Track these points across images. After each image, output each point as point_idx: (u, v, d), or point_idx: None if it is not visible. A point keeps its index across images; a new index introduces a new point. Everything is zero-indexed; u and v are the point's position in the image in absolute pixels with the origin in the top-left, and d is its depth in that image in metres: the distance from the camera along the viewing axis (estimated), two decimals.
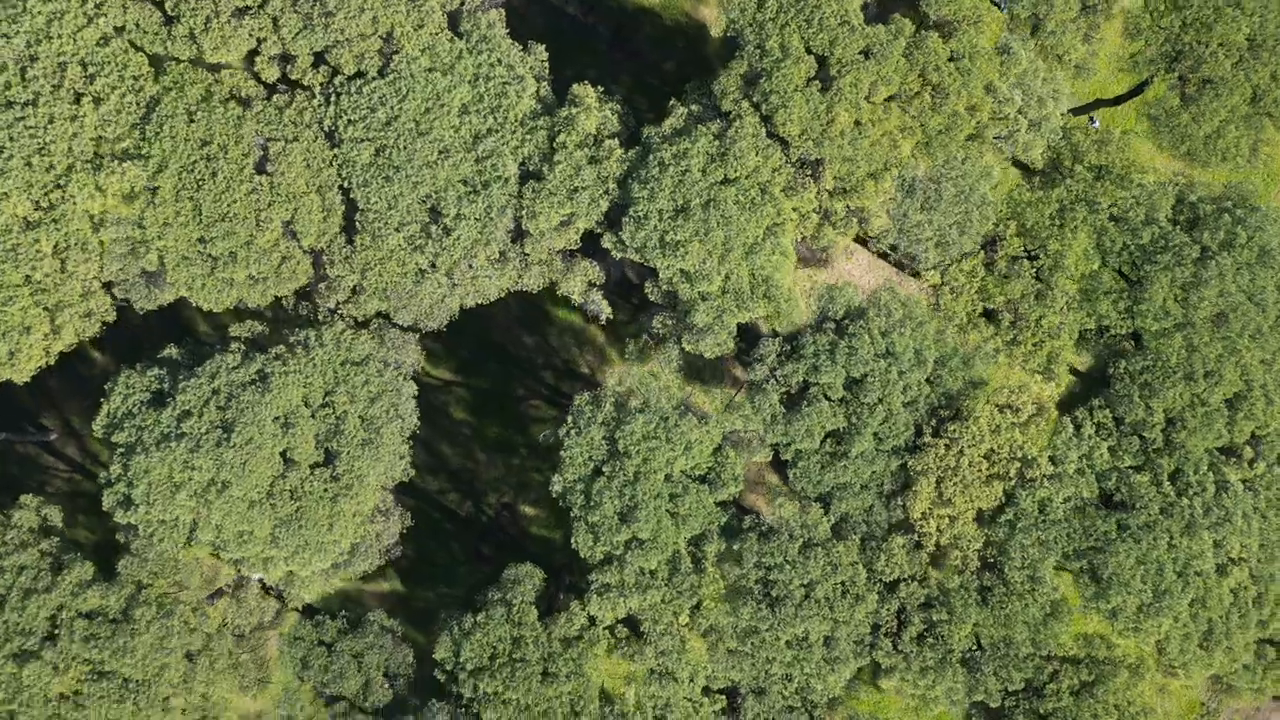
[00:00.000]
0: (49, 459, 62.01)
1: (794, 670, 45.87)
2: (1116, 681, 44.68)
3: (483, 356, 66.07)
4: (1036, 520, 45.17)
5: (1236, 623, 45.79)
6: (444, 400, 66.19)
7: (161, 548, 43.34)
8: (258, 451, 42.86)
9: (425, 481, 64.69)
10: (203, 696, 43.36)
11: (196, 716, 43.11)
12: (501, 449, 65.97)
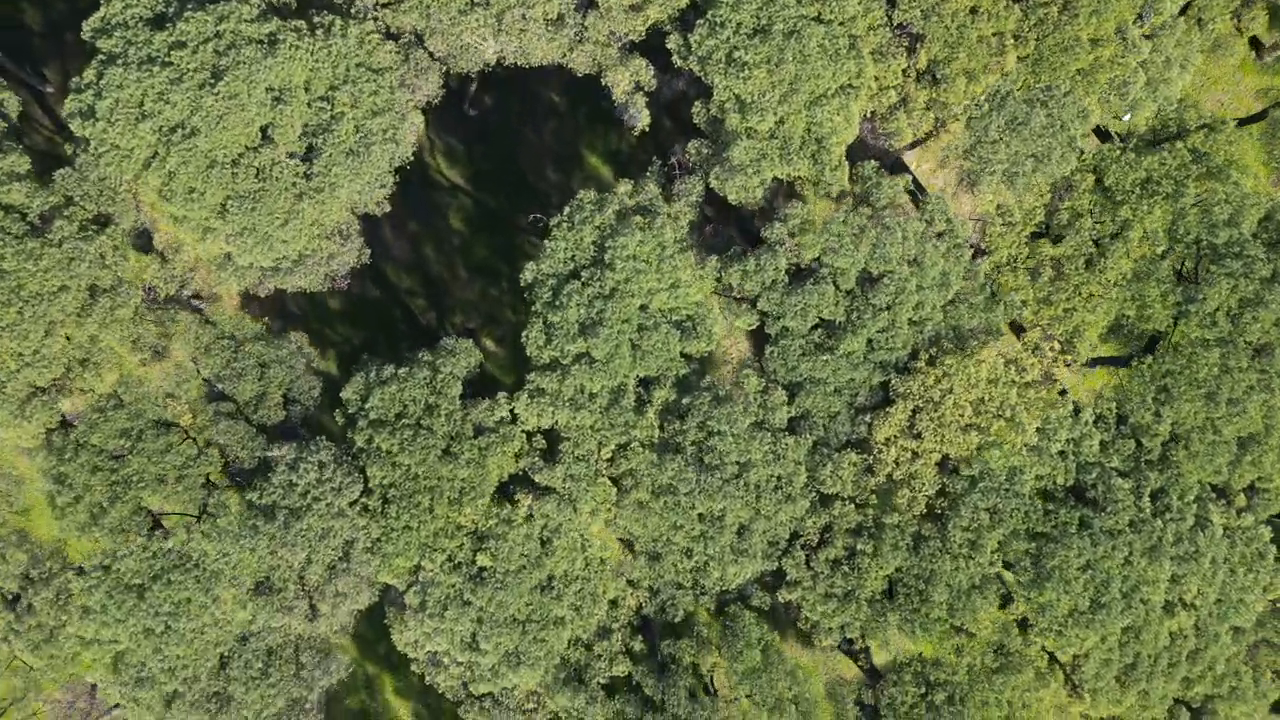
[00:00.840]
0: (37, 111, 58.89)
1: (696, 548, 42.57)
2: (1019, 678, 41.37)
3: (501, 175, 63.00)
4: (999, 486, 41.75)
5: (1163, 669, 42.38)
6: (446, 203, 63.07)
7: (106, 172, 40.08)
8: (239, 110, 39.51)
9: (399, 278, 61.85)
10: (91, 339, 40.20)
11: (78, 354, 39.97)
12: (485, 274, 62.96)
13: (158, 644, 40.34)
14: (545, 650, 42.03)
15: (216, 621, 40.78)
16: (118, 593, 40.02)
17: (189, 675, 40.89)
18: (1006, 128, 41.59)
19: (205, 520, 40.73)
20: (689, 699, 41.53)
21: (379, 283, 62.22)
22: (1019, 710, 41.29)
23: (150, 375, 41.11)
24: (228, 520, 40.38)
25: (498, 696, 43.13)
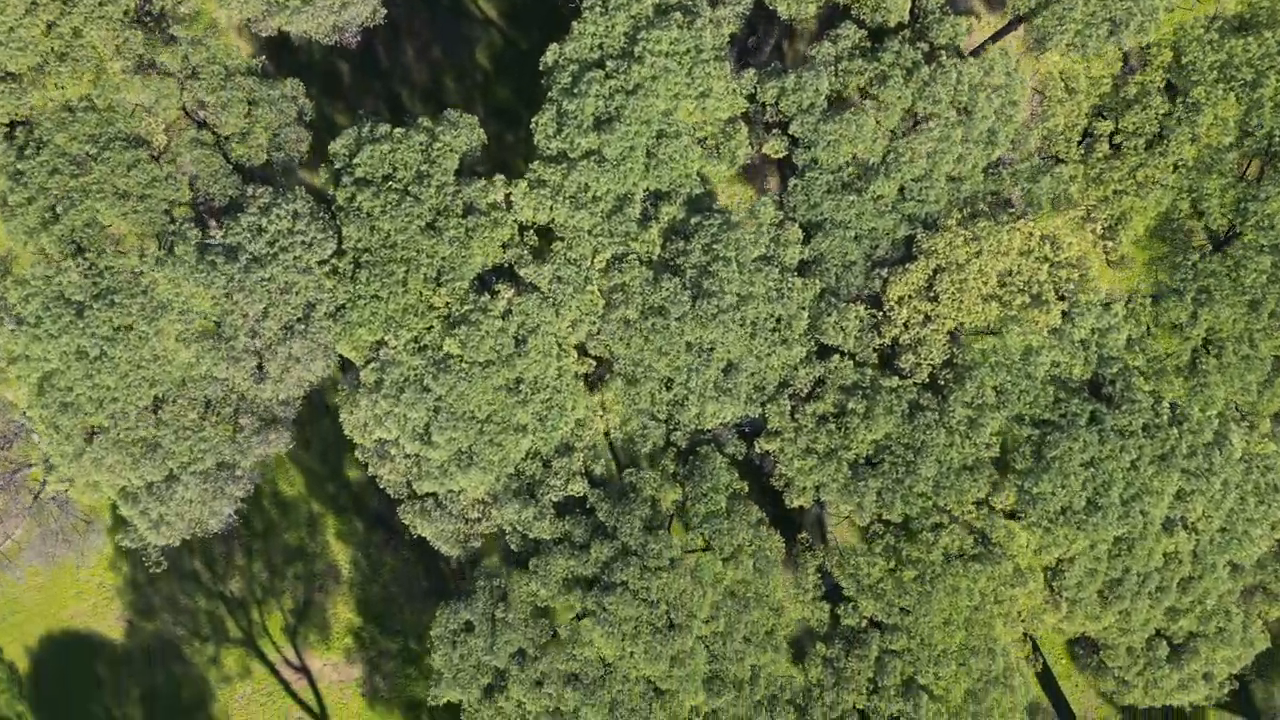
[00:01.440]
0: None
1: (678, 379, 39.58)
2: (997, 570, 38.37)
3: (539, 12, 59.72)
4: (1012, 365, 38.70)
5: (1150, 592, 39.37)
6: (476, 37, 60.09)
7: None
8: None
9: (413, 103, 58.85)
10: (75, 32, 37.06)
11: (58, 46, 36.80)
12: (502, 117, 59.89)
13: (90, 369, 37.41)
14: (500, 456, 39.11)
15: (156, 357, 37.84)
16: (56, 305, 37.08)
17: (117, 411, 37.98)
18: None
19: (162, 247, 37.74)
20: (643, 530, 38.63)
21: (386, 98, 59.14)
22: (990, 604, 38.33)
23: (130, 86, 38.03)
24: (185, 250, 37.38)
25: (441, 499, 40.24)
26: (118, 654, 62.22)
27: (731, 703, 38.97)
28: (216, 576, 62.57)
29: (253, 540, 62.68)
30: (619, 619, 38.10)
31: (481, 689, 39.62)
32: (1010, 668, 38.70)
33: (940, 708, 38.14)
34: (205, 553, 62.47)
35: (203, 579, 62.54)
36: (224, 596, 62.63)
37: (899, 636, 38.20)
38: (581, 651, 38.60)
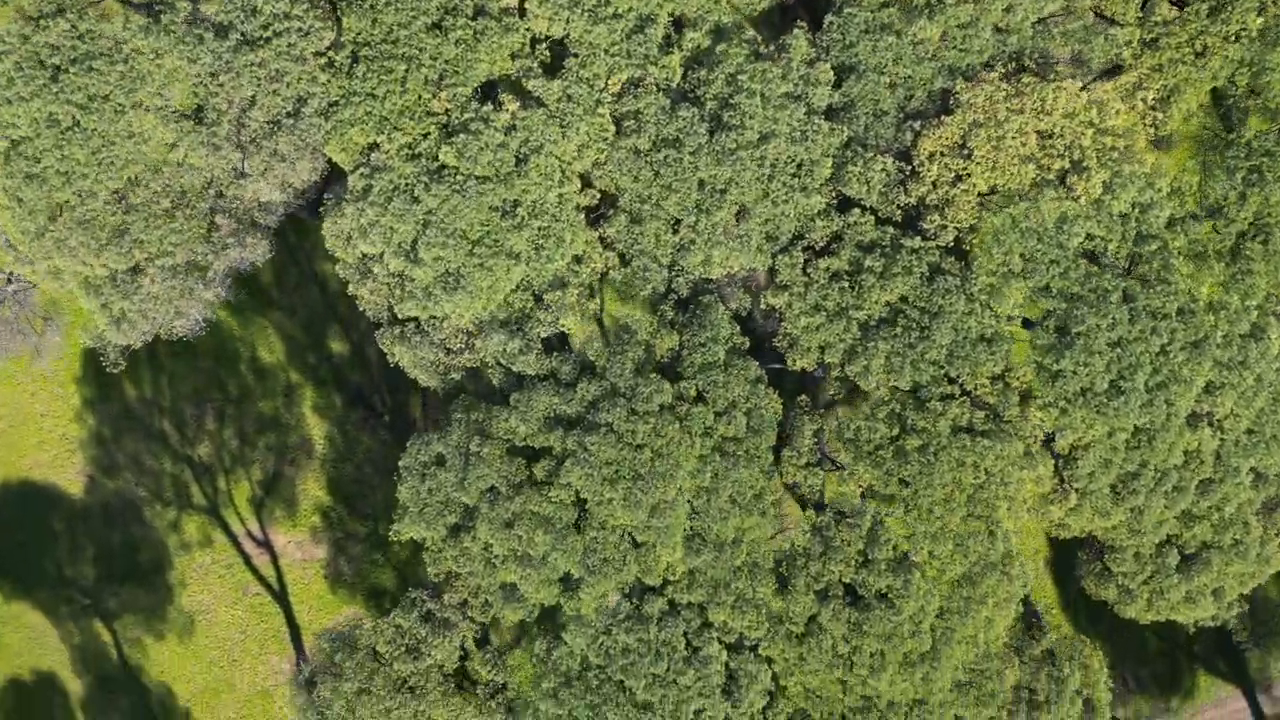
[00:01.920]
0: None
1: (685, 219, 37.02)
2: (1007, 448, 35.84)
3: None
4: (1043, 233, 36.12)
5: (1167, 491, 36.86)
6: None
7: None
8: None
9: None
10: None
11: None
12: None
13: (61, 139, 34.83)
14: (489, 282, 36.55)
15: (132, 135, 35.25)
16: (30, 66, 34.49)
17: (85, 189, 35.40)
18: None
19: (149, 15, 35.12)
20: (634, 373, 36.11)
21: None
22: (996, 485, 35.79)
23: None
24: (173, 21, 34.79)
25: (423, 325, 37.69)
26: (75, 509, 59.73)
27: (710, 563, 36.43)
28: (185, 439, 60.01)
29: (226, 406, 60.14)
30: (600, 461, 35.59)
31: (448, 527, 37.12)
32: (1010, 555, 36.18)
33: (932, 589, 35.64)
34: (175, 414, 59.96)
35: (170, 441, 60.00)
36: (191, 461, 60.10)
37: (896, 508, 35.67)
38: (557, 494, 36.09)
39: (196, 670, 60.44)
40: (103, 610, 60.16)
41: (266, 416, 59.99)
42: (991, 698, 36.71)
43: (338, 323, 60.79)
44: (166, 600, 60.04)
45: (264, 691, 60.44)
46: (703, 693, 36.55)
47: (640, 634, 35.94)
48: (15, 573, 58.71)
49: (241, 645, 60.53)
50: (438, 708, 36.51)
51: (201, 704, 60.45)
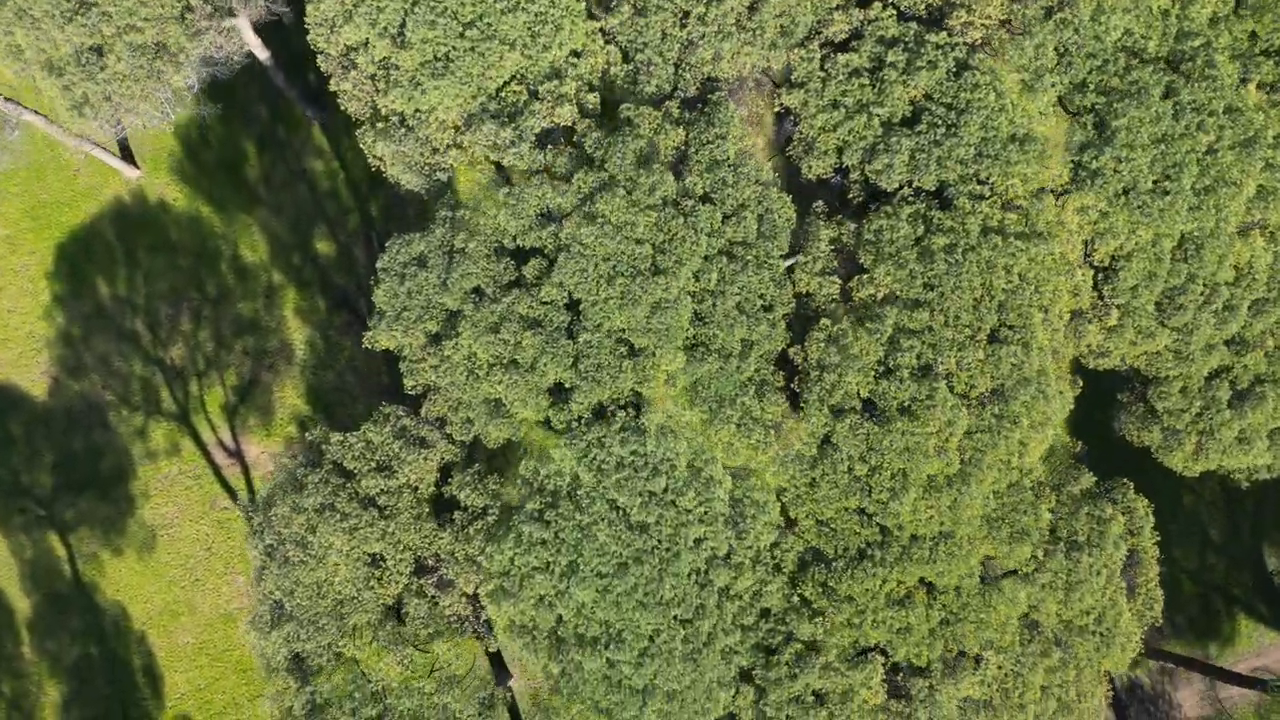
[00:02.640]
0: None
1: (693, 9, 34.49)
2: (1039, 251, 32.64)
3: None
4: (1079, 24, 33.56)
5: (1217, 310, 33.53)
6: None
7: None
8: None
9: None
10: None
11: None
12: None
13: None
14: (480, 69, 33.89)
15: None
16: None
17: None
18: None
19: None
20: (635, 165, 33.16)
21: None
22: (1030, 291, 32.48)
23: None
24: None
25: (408, 119, 34.86)
26: (36, 413, 56.22)
27: (714, 374, 32.91)
28: (158, 341, 56.86)
29: (203, 306, 57.13)
30: (596, 256, 32.40)
31: (427, 335, 33.71)
32: (1045, 372, 32.67)
33: (959, 404, 32.05)
34: (150, 314, 56.92)
35: (142, 342, 56.84)
36: (163, 364, 56.80)
37: (920, 313, 32.31)
38: (549, 292, 32.79)
39: (155, 590, 56.08)
40: (58, 522, 56.15)
41: (245, 319, 56.82)
42: (1025, 535, 32.75)
43: (325, 223, 58.06)
44: (127, 513, 56.03)
45: (227, 615, 56.01)
46: (704, 519, 32.63)
47: (636, 446, 32.22)
48: None
49: (205, 564, 56.29)
50: (408, 531, 32.58)
51: (158, 626, 55.95)
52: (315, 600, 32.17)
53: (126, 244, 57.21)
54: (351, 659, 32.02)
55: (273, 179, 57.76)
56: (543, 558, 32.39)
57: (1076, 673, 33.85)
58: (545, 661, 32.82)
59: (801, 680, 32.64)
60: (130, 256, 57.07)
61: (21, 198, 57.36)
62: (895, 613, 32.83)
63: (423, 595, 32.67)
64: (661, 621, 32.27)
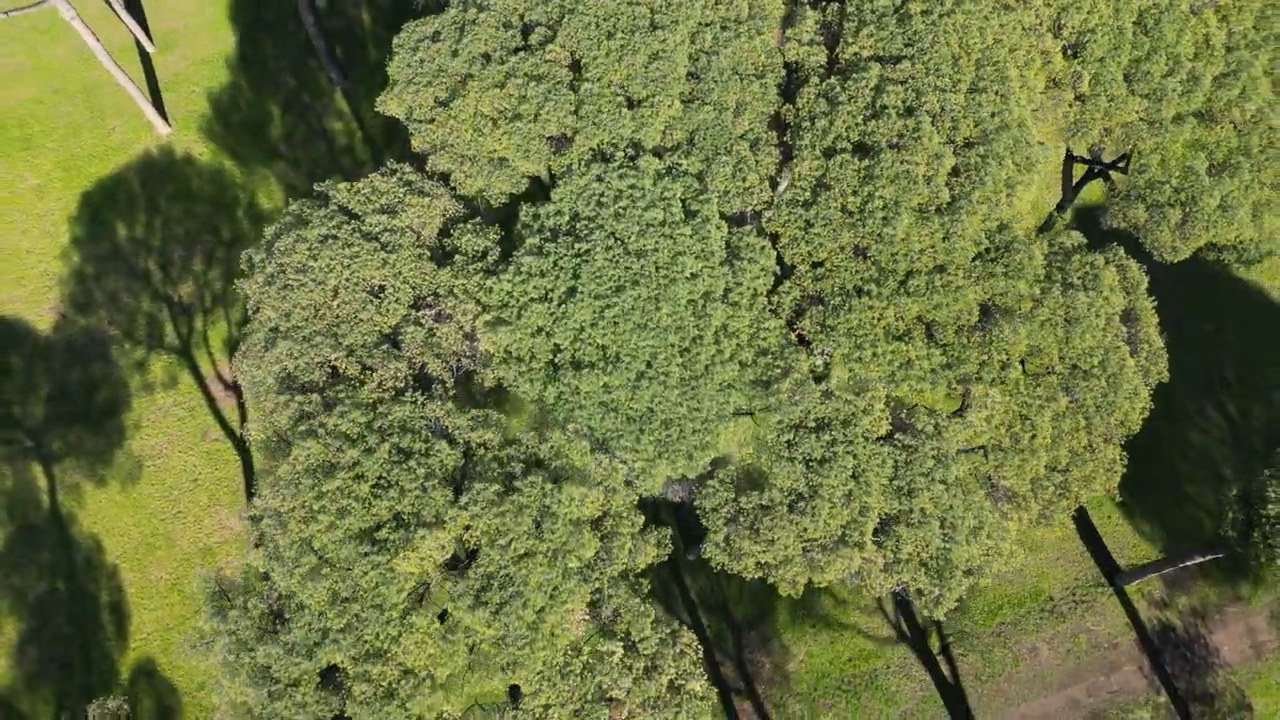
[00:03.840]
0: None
1: None
2: (1011, 17, 35.06)
3: None
4: None
5: (1182, 80, 35.42)
6: None
7: None
8: None
9: None
10: None
11: None
12: None
13: None
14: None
15: None
16: None
17: None
18: None
19: None
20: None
21: None
22: (1005, 51, 34.57)
23: None
24: None
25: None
26: (39, 346, 56.94)
27: (710, 124, 34.44)
28: (169, 279, 58.51)
29: (216, 248, 59.19)
30: (598, 15, 34.90)
31: (436, 99, 35.54)
32: (1025, 124, 34.19)
33: (944, 145, 33.39)
34: (163, 255, 58.89)
35: (153, 280, 58.51)
36: (170, 301, 58.16)
37: (903, 65, 34.36)
38: (553, 51, 35.00)
39: (135, 522, 54.47)
40: (45, 453, 55.42)
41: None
42: (1020, 271, 32.98)
43: (341, 174, 61.05)
44: (116, 443, 55.44)
45: (206, 549, 54.14)
46: (701, 255, 33.01)
47: (634, 179, 33.20)
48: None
49: (190, 495, 55.01)
50: (409, 265, 32.89)
51: (132, 561, 53.85)
52: (311, 321, 31.94)
53: (149, 193, 59.94)
54: (344, 374, 31.35)
55: (294, 137, 61.42)
56: (541, 287, 32.50)
57: (1086, 420, 32.86)
58: (540, 390, 32.04)
59: (802, 406, 31.71)
60: (151, 203, 59.64)
61: (56, 151, 60.76)
62: (894, 346, 32.45)
63: (420, 325, 32.45)
64: (659, 345, 31.87)
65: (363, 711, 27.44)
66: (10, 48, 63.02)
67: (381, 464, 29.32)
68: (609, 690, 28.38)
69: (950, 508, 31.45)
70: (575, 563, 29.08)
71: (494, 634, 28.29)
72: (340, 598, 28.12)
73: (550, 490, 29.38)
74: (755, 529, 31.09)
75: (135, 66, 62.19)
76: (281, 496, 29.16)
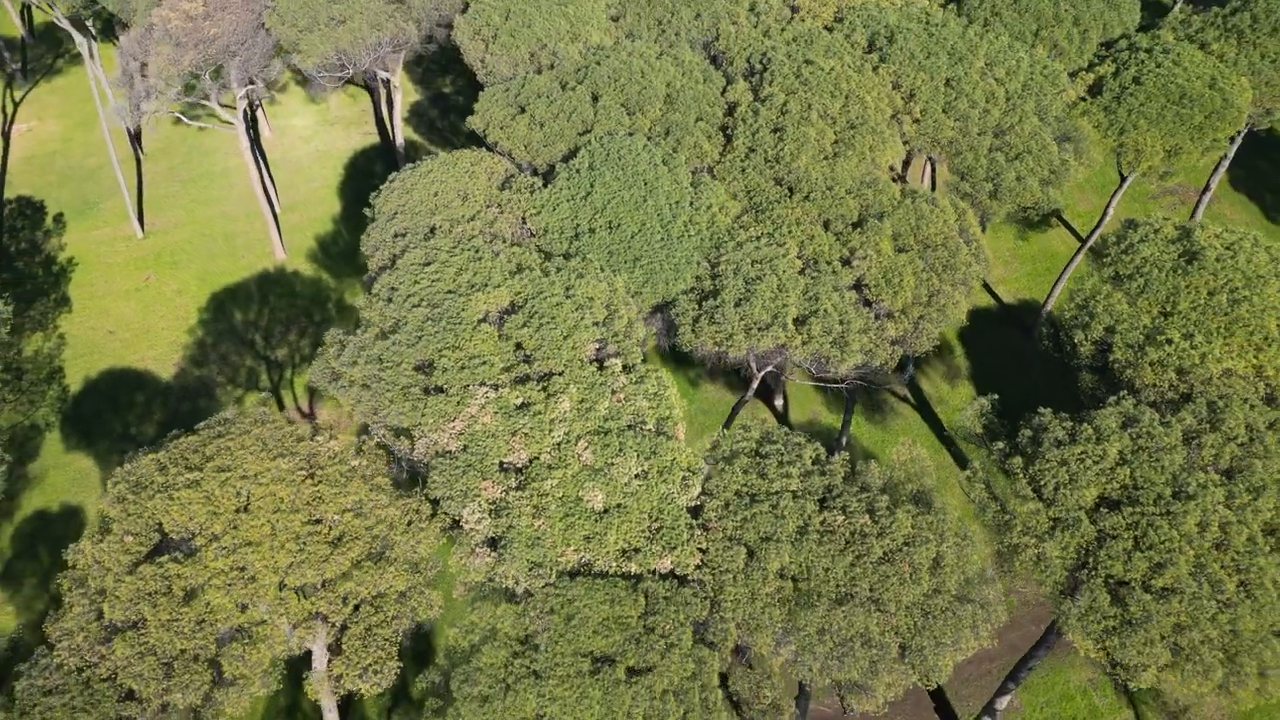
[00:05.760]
0: None
1: None
2: (868, 79, 56.55)
3: None
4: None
5: (980, 113, 55.95)
6: None
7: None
8: None
9: None
10: None
11: None
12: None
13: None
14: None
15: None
16: None
17: None
18: None
19: None
20: None
21: None
22: (861, 90, 55.37)
23: None
24: None
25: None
26: (159, 388, 72.58)
27: (679, 122, 54.33)
28: (268, 345, 75.51)
29: (308, 326, 76.94)
30: (607, 72, 56.49)
31: (506, 116, 55.86)
32: (879, 130, 54.06)
33: (824, 132, 53.09)
34: (267, 330, 76.35)
35: (256, 345, 75.52)
36: (268, 360, 74.70)
37: (800, 94, 55.22)
38: (580, 89, 56.04)
39: None
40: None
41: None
42: (882, 190, 50.90)
43: None
44: None
45: None
46: (674, 183, 51.12)
47: (630, 142, 52.31)
48: (85, 429, 69.73)
49: None
50: (482, 184, 50.98)
51: None
52: (423, 205, 49.30)
53: (262, 292, 78.75)
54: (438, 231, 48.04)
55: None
56: (570, 190, 50.18)
57: (935, 275, 48.59)
58: (567, 245, 48.35)
59: (740, 254, 47.85)
60: (263, 299, 78.19)
61: (197, 270, 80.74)
62: (805, 229, 49.37)
63: (488, 209, 49.73)
64: (646, 218, 48.81)
65: (444, 376, 40.47)
66: (175, 214, 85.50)
67: (461, 259, 45.11)
68: (611, 384, 41.38)
69: (845, 311, 46.30)
70: (589, 317, 43.60)
71: (533, 344, 42.07)
72: (430, 318, 42.40)
73: (575, 272, 44.85)
74: (712, 318, 45.78)
75: (264, 221, 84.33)
76: (396, 274, 44.58)
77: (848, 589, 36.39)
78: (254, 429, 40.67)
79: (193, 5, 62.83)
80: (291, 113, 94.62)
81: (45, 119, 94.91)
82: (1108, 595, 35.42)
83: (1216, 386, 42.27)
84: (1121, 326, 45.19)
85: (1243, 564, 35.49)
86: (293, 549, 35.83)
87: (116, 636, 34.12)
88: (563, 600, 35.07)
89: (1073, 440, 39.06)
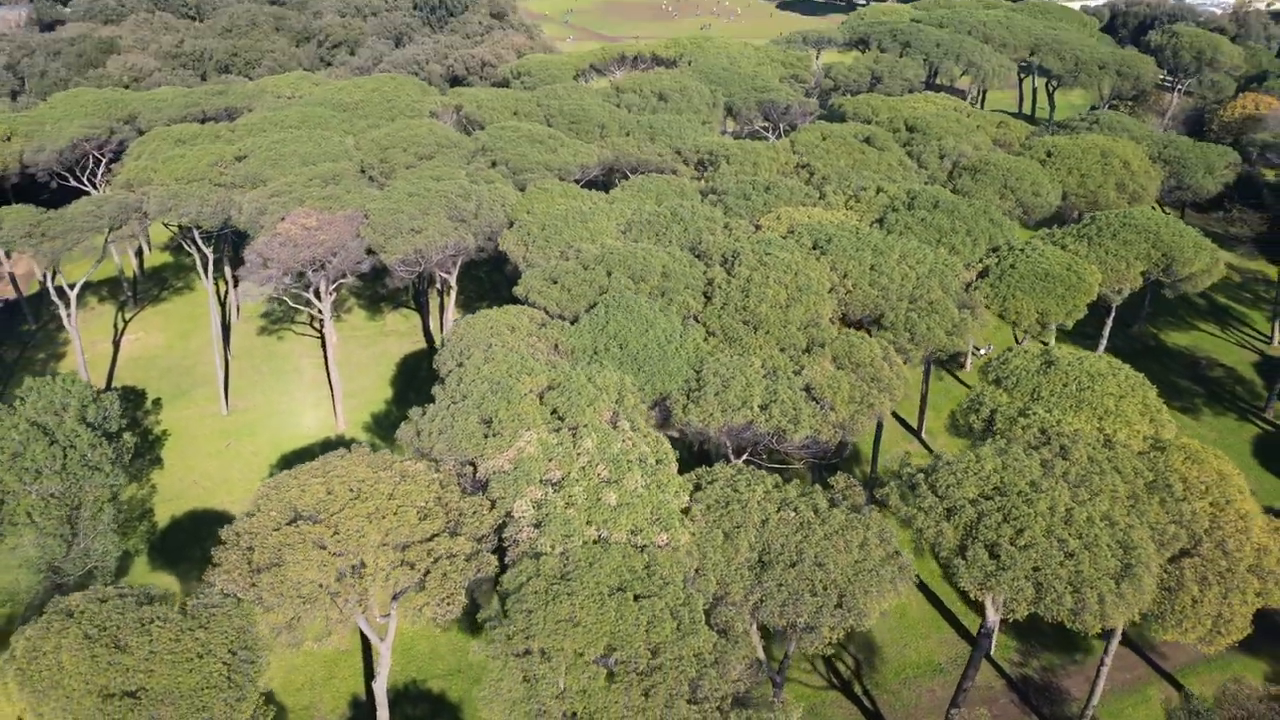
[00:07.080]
0: None
1: None
2: (808, 269, 76.37)
3: None
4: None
5: (897, 287, 74.99)
6: None
7: None
8: None
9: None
10: None
11: None
12: None
13: None
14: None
15: None
16: None
17: None
18: None
19: None
20: None
21: None
22: (812, 276, 74.67)
23: None
24: None
25: None
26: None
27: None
28: None
29: None
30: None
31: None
32: (821, 303, 72.78)
33: (780, 277, 71.92)
34: None
35: None
36: None
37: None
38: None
39: None
40: None
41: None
42: (825, 329, 68.48)
43: None
44: None
45: None
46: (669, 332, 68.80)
47: (633, 304, 70.62)
48: (170, 555, 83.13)
49: None
50: None
51: None
52: None
53: (324, 451, 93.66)
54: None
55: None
56: (592, 324, 67.65)
57: (867, 385, 64.74)
58: (588, 359, 64.98)
59: (720, 362, 64.38)
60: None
61: (266, 435, 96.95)
62: (766, 352, 66.37)
63: None
64: (647, 342, 65.91)
65: (499, 426, 55.63)
66: (255, 398, 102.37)
67: (513, 359, 61.82)
68: (621, 435, 56.37)
69: (797, 402, 62.10)
70: (606, 397, 59.44)
71: (565, 409, 57.56)
72: (490, 391, 58.24)
73: (595, 367, 61.45)
74: (697, 403, 61.55)
75: (328, 405, 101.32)
76: (462, 370, 61.04)
77: (797, 557, 49.35)
78: (360, 457, 55.14)
79: (308, 220, 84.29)
80: (355, 327, 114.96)
81: (150, 332, 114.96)
82: (985, 552, 48.49)
83: (1069, 437, 57.30)
84: (1000, 408, 60.95)
85: (1084, 532, 48.81)
86: (392, 520, 49.21)
87: (263, 572, 46.70)
88: (587, 555, 47.95)
89: (960, 462, 53.64)
